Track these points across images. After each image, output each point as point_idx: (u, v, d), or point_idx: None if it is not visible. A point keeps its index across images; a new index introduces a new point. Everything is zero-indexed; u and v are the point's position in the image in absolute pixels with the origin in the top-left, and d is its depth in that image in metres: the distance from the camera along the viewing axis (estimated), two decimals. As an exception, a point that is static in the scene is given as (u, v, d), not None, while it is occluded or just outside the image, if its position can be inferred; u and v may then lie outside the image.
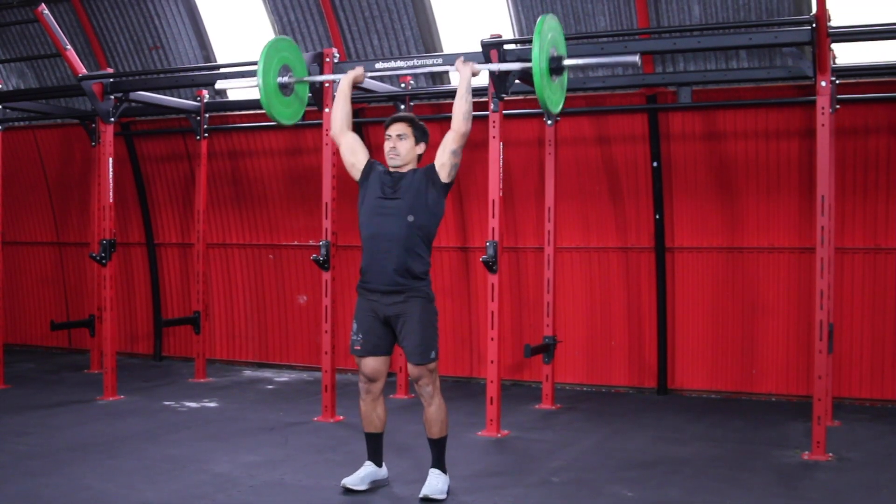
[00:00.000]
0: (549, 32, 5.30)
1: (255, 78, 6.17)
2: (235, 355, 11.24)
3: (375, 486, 5.64)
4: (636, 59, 5.30)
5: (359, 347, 5.43)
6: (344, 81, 5.66)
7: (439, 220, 5.43)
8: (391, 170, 5.45)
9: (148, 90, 9.29)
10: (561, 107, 5.77)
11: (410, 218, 5.27)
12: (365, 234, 5.40)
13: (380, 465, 5.67)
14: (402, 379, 8.92)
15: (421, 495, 5.38)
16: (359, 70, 5.74)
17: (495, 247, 7.15)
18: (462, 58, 5.63)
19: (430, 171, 5.36)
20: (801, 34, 6.53)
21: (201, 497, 5.51)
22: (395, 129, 5.43)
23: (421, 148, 5.48)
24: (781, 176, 8.73)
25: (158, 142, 11.38)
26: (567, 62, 5.53)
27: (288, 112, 6.07)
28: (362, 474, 5.59)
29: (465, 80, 5.43)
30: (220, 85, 7.18)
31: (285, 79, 5.97)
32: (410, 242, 5.28)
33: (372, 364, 5.44)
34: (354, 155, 5.52)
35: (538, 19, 5.34)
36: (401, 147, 5.39)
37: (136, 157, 11.41)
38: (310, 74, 7.07)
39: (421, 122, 5.53)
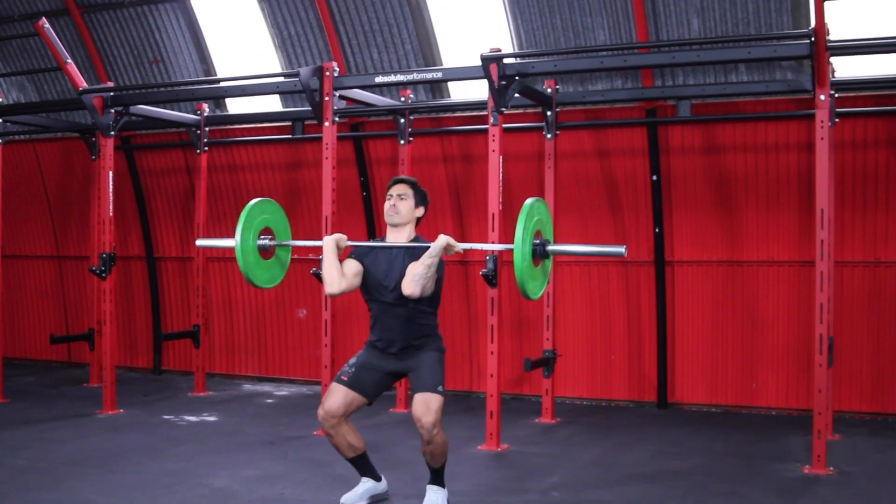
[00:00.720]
0: (535, 215, 5.14)
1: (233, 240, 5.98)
2: (235, 369, 11.22)
3: (375, 500, 5.62)
4: (622, 249, 5.15)
5: (345, 378, 5.39)
6: (327, 246, 5.46)
7: (441, 283, 5.38)
8: (387, 233, 5.47)
9: (148, 104, 9.30)
10: (542, 293, 5.56)
11: (412, 304, 5.31)
12: (372, 310, 5.47)
13: (378, 480, 5.65)
14: (401, 393, 8.91)
15: (420, 511, 5.37)
16: (338, 236, 5.55)
17: (495, 260, 7.15)
18: (449, 239, 5.22)
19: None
20: (800, 48, 6.54)
21: (200, 512, 5.50)
22: (398, 189, 5.48)
23: (420, 211, 5.52)
24: (781, 189, 8.74)
25: (158, 155, 11.39)
26: (551, 248, 5.32)
27: (266, 275, 5.90)
28: (360, 491, 5.57)
29: (437, 245, 5.17)
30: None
31: (266, 241, 5.88)
32: (417, 316, 5.35)
33: (344, 399, 5.33)
34: (357, 276, 5.41)
35: (525, 203, 5.18)
36: (401, 206, 5.43)
37: (136, 170, 11.42)
38: (304, 89, 7.06)
39: (423, 189, 5.55)
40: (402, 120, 8.95)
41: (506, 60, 7.23)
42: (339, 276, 5.31)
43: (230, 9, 10.42)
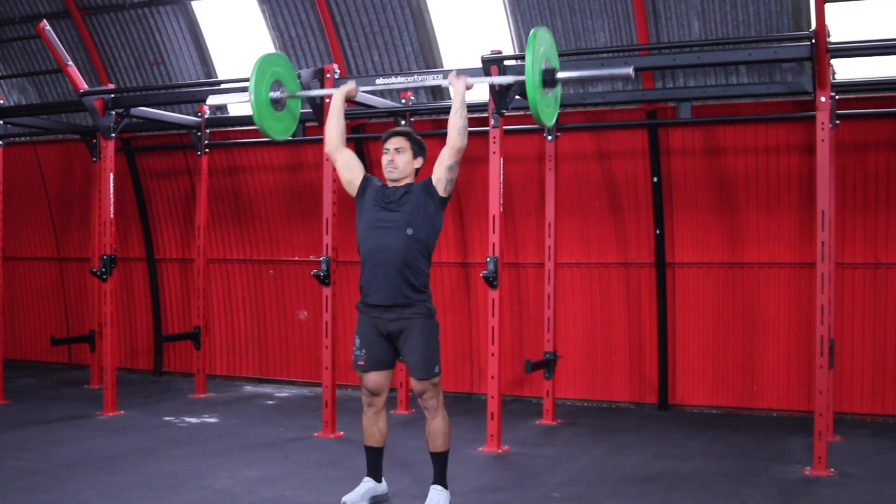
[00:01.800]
0: (541, 45, 5.31)
1: (247, 93, 6.14)
2: (236, 371, 11.22)
3: (375, 501, 5.63)
4: (629, 71, 5.29)
5: (362, 363, 5.43)
6: (336, 96, 5.59)
7: (438, 233, 5.43)
8: (389, 184, 5.47)
9: (149, 106, 9.32)
10: (555, 120, 5.78)
11: (409, 231, 5.27)
12: (363, 248, 5.39)
13: (379, 481, 5.66)
14: (402, 395, 8.92)
15: (422, 513, 5.37)
16: (351, 84, 5.65)
17: (496, 262, 7.15)
18: (455, 71, 5.57)
19: (428, 185, 5.36)
20: (801, 50, 6.55)
21: (201, 513, 5.50)
22: (393, 142, 5.45)
23: (419, 162, 5.49)
24: (781, 191, 8.74)
25: (159, 157, 11.40)
26: (560, 74, 5.55)
27: (280, 127, 6.03)
28: (362, 491, 5.58)
29: (459, 94, 5.40)
30: (212, 100, 7.14)
31: (277, 93, 5.95)
32: (410, 255, 5.28)
33: (375, 378, 5.44)
34: (351, 171, 5.51)
35: (530, 32, 5.35)
36: (399, 160, 5.40)
37: (136, 172, 11.43)
38: (305, 89, 7.09)
39: (418, 137, 5.54)
40: (403, 122, 8.96)
41: (506, 62, 7.23)
42: (336, 134, 5.48)
43: (231, 11, 10.43)
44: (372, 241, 5.34)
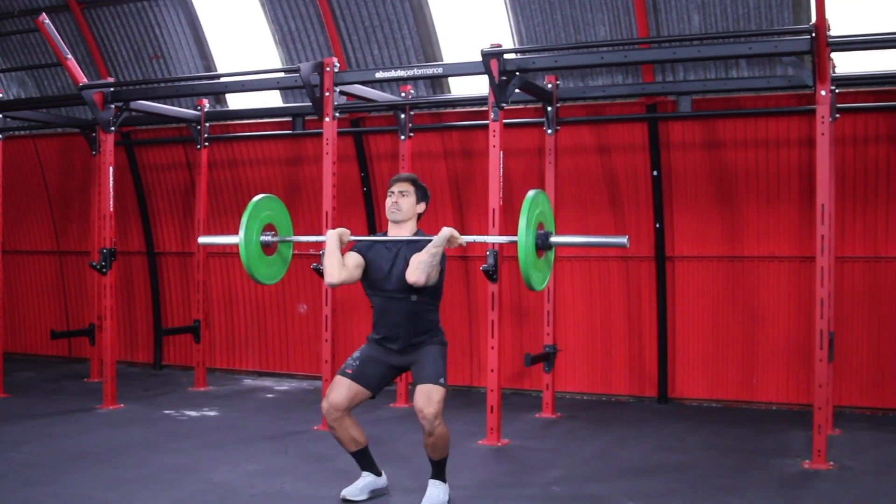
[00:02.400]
0: (536, 207, 5.18)
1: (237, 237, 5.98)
2: (235, 364, 11.23)
3: (375, 494, 5.63)
4: (625, 240, 5.20)
5: (350, 371, 5.41)
6: (330, 243, 5.42)
7: (443, 280, 5.46)
8: (389, 227, 5.51)
9: (148, 99, 9.31)
10: (546, 284, 5.61)
11: (414, 297, 5.34)
12: (374, 305, 5.50)
13: (378, 475, 5.66)
14: (401, 388, 8.92)
15: (422, 508, 5.37)
16: (342, 230, 5.56)
17: (496, 256, 7.16)
18: (453, 231, 5.31)
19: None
20: (801, 43, 6.54)
21: (201, 506, 5.51)
22: (399, 186, 5.51)
23: (421, 207, 5.56)
24: (781, 185, 8.74)
25: (159, 151, 11.39)
26: (554, 239, 5.36)
27: (269, 271, 5.95)
28: (361, 485, 5.59)
29: (440, 236, 5.23)
30: (203, 240, 6.80)
31: (268, 238, 5.90)
32: (419, 311, 5.38)
33: (345, 392, 5.35)
34: (358, 267, 5.41)
35: (527, 194, 5.21)
36: (403, 203, 5.47)
37: (136, 166, 11.42)
38: (305, 83, 7.06)
39: (423, 184, 5.58)
40: (403, 115, 8.95)
41: (506, 56, 7.23)
42: (339, 266, 5.32)
43: (230, 4, 10.41)
44: (380, 302, 5.44)
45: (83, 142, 11.13)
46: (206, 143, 10.06)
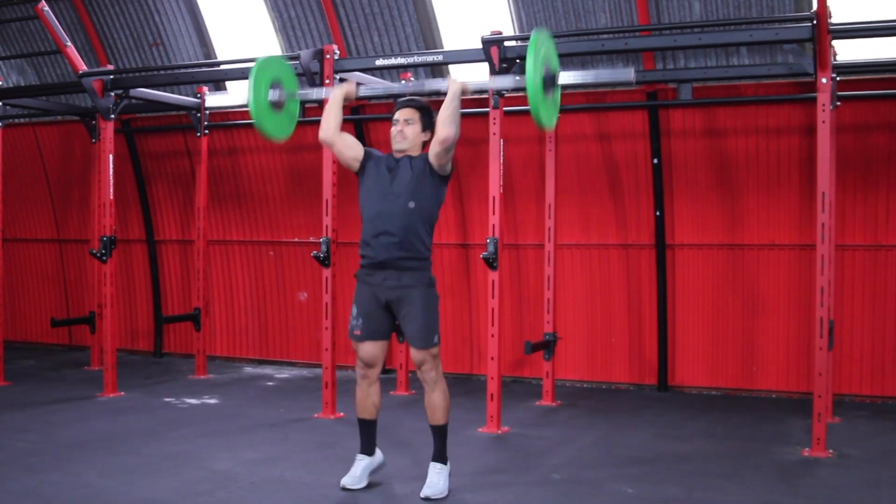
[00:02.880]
0: (541, 47, 5.29)
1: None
2: (236, 352, 11.24)
3: (375, 472, 5.62)
4: (631, 75, 5.29)
5: (358, 332, 5.43)
6: (335, 93, 5.55)
7: (440, 205, 5.46)
8: (394, 154, 5.48)
9: (148, 87, 9.29)
10: (555, 122, 5.76)
11: (411, 204, 5.30)
12: (366, 215, 5.43)
13: (372, 455, 5.63)
14: (402, 376, 8.93)
15: (422, 495, 5.36)
16: (350, 84, 5.62)
17: (496, 243, 7.15)
18: (455, 78, 5.48)
19: (427, 160, 5.37)
20: (802, 31, 6.53)
21: (202, 494, 5.51)
22: (404, 114, 5.47)
23: (427, 135, 5.49)
24: (782, 173, 8.73)
25: (159, 138, 11.38)
26: (561, 78, 5.51)
27: (279, 128, 6.01)
28: (359, 472, 5.55)
29: (454, 90, 5.34)
30: (211, 102, 6.89)
31: (276, 95, 5.92)
32: (412, 224, 5.31)
33: (370, 349, 5.43)
34: (352, 149, 5.51)
35: (531, 34, 5.31)
36: (408, 131, 5.43)
37: (136, 153, 11.41)
38: (305, 71, 7.03)
39: (430, 108, 5.52)
40: (403, 103, 8.91)
41: (507, 43, 7.21)
42: (334, 121, 5.46)
43: (230, -9, 10.40)
44: (375, 208, 5.37)
45: (83, 129, 11.12)
46: (206, 131, 10.06)
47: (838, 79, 7.60)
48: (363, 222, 5.45)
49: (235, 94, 10.51)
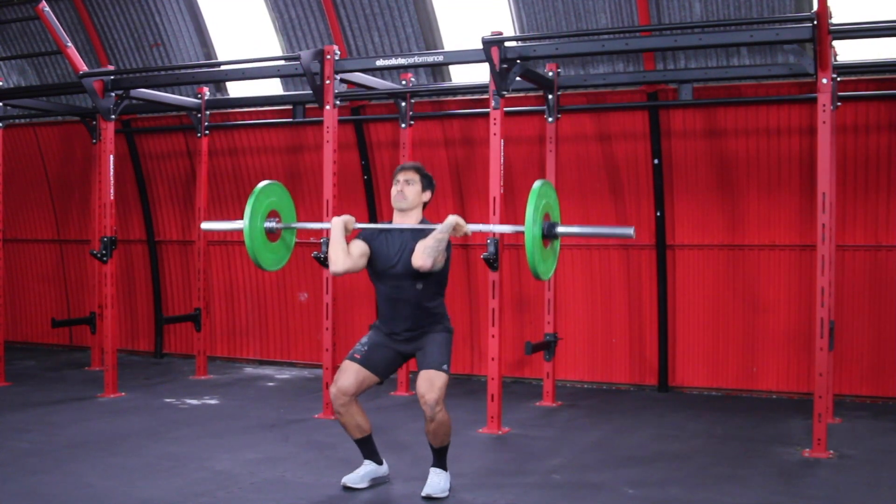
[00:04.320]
0: (543, 198, 5.21)
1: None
2: (236, 353, 11.24)
3: (376, 483, 5.64)
4: (630, 231, 5.22)
5: (358, 356, 5.41)
6: (335, 228, 5.42)
7: (448, 268, 5.45)
8: (395, 214, 5.51)
9: (149, 87, 9.29)
10: (552, 274, 5.63)
11: (419, 286, 5.35)
12: (379, 293, 5.50)
13: (380, 463, 5.67)
14: (402, 376, 8.93)
15: (423, 494, 5.38)
16: (347, 217, 5.56)
17: (496, 244, 7.15)
18: (458, 219, 5.29)
19: None
20: (803, 31, 6.52)
21: (202, 494, 5.51)
22: (404, 175, 5.50)
23: (427, 196, 5.54)
24: (782, 173, 8.73)
25: (159, 139, 11.38)
26: (560, 230, 5.38)
27: (273, 258, 5.95)
28: (362, 473, 5.59)
29: (447, 223, 5.22)
30: (205, 226, 6.59)
31: (272, 224, 5.88)
32: (425, 299, 5.40)
33: (356, 377, 5.35)
34: (362, 255, 5.40)
35: (534, 185, 5.21)
36: (408, 192, 5.46)
37: (136, 154, 11.41)
38: (305, 71, 7.02)
39: (428, 173, 5.58)
40: (404, 103, 8.93)
41: (507, 44, 7.21)
42: (343, 255, 5.32)
43: (230, -8, 10.41)
44: (386, 291, 5.43)
45: (83, 130, 11.12)
46: (207, 132, 10.05)
47: (839, 79, 7.61)
48: (377, 293, 5.52)
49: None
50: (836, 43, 7.06)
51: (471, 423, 7.43)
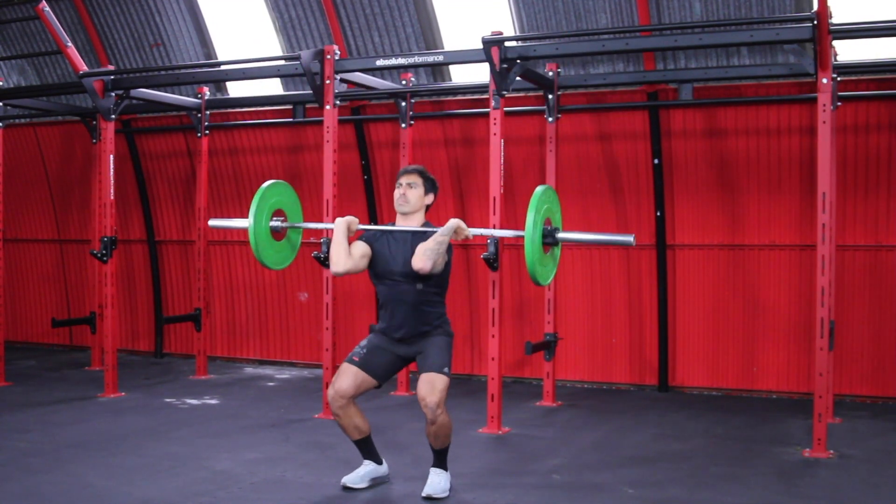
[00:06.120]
0: (543, 204, 5.20)
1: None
2: (236, 352, 11.24)
3: (376, 482, 5.64)
4: (631, 238, 5.22)
5: (357, 359, 5.41)
6: (338, 229, 5.42)
7: (449, 271, 5.46)
8: (398, 217, 5.51)
9: (149, 87, 9.29)
10: (551, 280, 5.64)
11: (420, 286, 5.36)
12: (380, 294, 5.52)
13: (380, 463, 5.67)
14: (402, 376, 8.92)
15: (424, 494, 5.38)
16: (350, 218, 5.57)
17: (496, 244, 7.15)
18: (460, 222, 5.30)
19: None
20: (803, 31, 6.52)
21: (202, 494, 5.51)
22: (407, 178, 5.51)
23: (429, 199, 5.56)
24: (782, 173, 8.73)
25: (159, 139, 11.38)
26: (561, 236, 5.37)
27: (277, 257, 5.94)
28: (362, 473, 5.60)
29: (446, 230, 5.22)
30: (213, 223, 6.56)
31: (278, 223, 5.87)
32: (425, 301, 5.40)
33: (354, 380, 5.35)
34: (363, 256, 5.41)
35: (536, 190, 5.21)
36: (411, 195, 5.47)
37: (137, 154, 11.41)
38: (306, 70, 7.02)
39: (431, 176, 5.58)
40: (404, 103, 8.93)
41: (507, 44, 7.21)
42: (345, 255, 5.33)
43: (231, -8, 10.41)
44: (386, 292, 5.44)
45: (84, 130, 11.13)
46: (207, 131, 10.05)
47: (839, 79, 7.61)
48: (378, 295, 5.55)
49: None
50: (836, 43, 7.05)
51: (471, 423, 7.43)
